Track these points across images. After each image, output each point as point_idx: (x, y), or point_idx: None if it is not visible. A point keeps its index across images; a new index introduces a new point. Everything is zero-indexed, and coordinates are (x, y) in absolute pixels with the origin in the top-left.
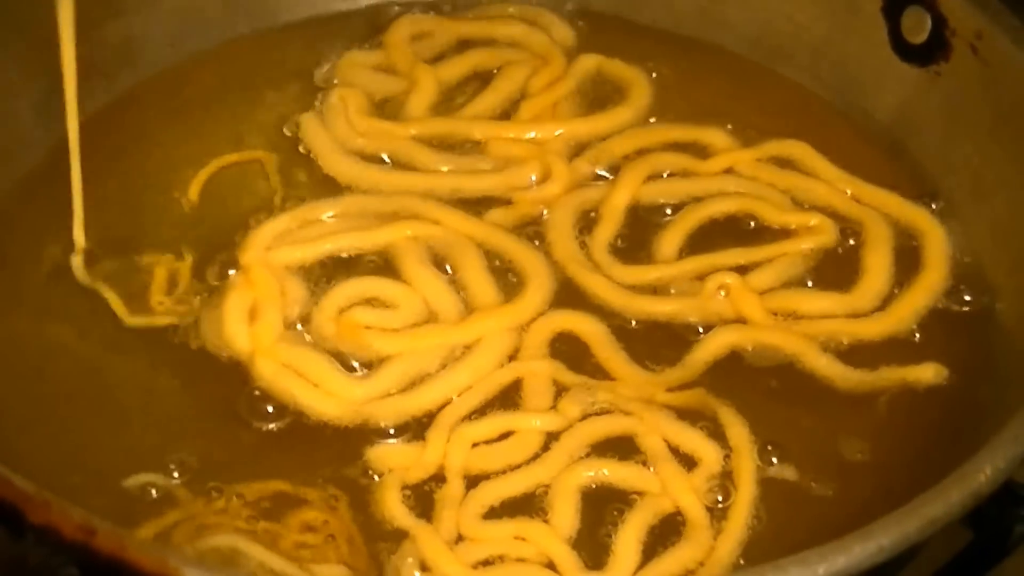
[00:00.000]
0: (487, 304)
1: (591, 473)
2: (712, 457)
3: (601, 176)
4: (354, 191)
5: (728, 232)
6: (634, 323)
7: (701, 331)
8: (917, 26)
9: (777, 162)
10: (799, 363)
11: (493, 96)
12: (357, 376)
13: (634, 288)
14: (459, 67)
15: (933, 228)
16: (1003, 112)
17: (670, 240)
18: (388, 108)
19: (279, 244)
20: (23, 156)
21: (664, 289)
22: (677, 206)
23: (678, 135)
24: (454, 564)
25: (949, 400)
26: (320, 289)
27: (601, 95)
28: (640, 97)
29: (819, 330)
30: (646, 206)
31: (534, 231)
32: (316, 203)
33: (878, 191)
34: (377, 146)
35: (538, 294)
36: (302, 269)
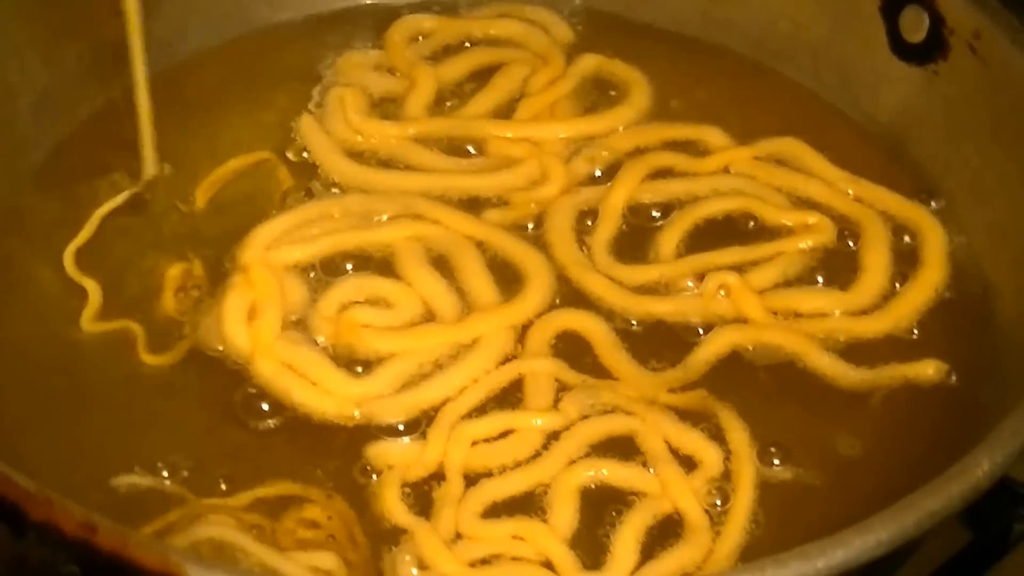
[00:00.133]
0: (486, 304)
1: (591, 473)
2: (713, 459)
3: (599, 176)
4: (353, 191)
5: (726, 231)
6: (635, 323)
7: (701, 332)
8: (915, 25)
9: (774, 160)
10: (800, 362)
11: (492, 95)
12: (356, 375)
13: (634, 288)
14: (459, 66)
15: (932, 226)
16: (1002, 111)
17: (669, 239)
18: (388, 107)
19: (278, 243)
20: (22, 156)
21: (664, 289)
22: (676, 205)
23: (675, 134)
24: (452, 562)
25: (948, 398)
26: (319, 288)
27: (600, 95)
28: (639, 97)
29: (819, 329)
30: (644, 206)
31: (532, 231)
32: (315, 203)
33: (877, 189)
34: (375, 146)
35: (537, 294)
36: (301, 268)
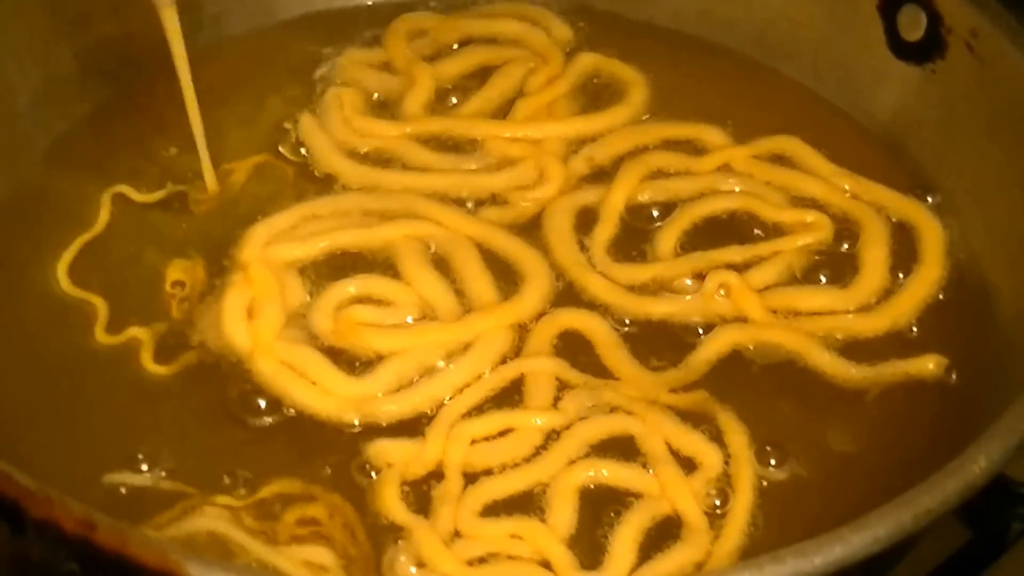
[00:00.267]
0: (485, 303)
1: (590, 473)
2: (713, 461)
3: (597, 175)
4: (352, 189)
5: (725, 230)
6: (635, 324)
7: (701, 331)
8: (913, 24)
9: (772, 158)
10: (801, 360)
11: (491, 94)
12: (354, 374)
13: (634, 288)
14: (457, 65)
15: (930, 223)
16: (999, 109)
17: (667, 239)
18: (386, 106)
19: (277, 241)
20: (21, 154)
21: (664, 289)
22: (674, 205)
23: (673, 133)
24: (449, 561)
25: (946, 395)
26: (318, 287)
27: (599, 94)
28: (638, 97)
29: (818, 327)
30: (643, 205)
31: (531, 230)
32: (314, 201)
33: (875, 187)
34: (374, 145)
35: (536, 293)
36: (300, 267)
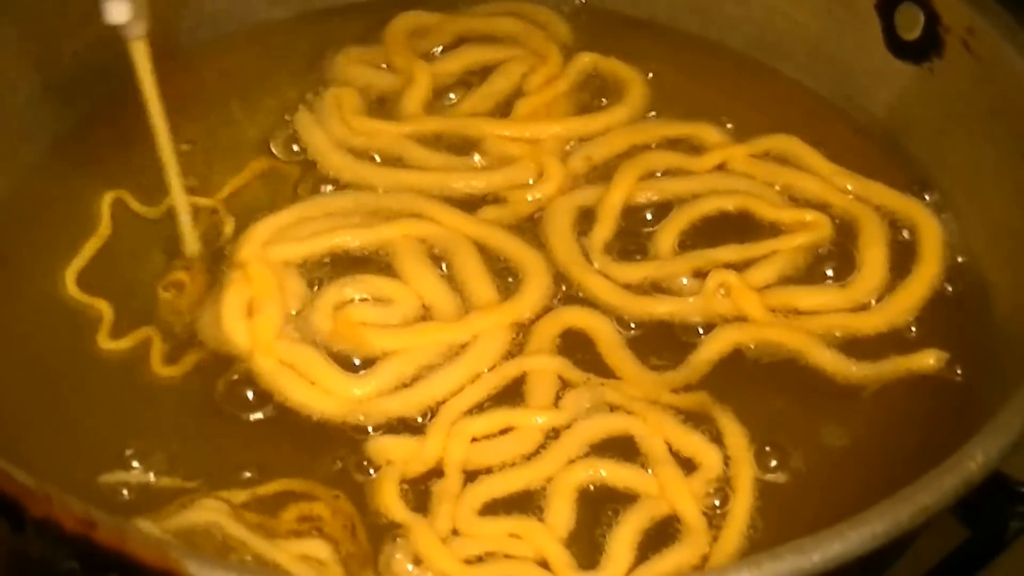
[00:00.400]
0: (484, 302)
1: (589, 473)
2: (713, 461)
3: (596, 174)
4: (351, 188)
5: (724, 229)
6: (635, 324)
7: (701, 331)
8: (910, 23)
9: (771, 157)
10: (802, 359)
11: (489, 93)
12: (353, 373)
13: (634, 288)
14: (456, 63)
15: (928, 221)
16: (996, 107)
17: (666, 238)
18: (386, 104)
19: (276, 240)
20: (20, 153)
21: (664, 289)
22: (672, 204)
23: (671, 131)
24: (446, 559)
25: (944, 392)
26: (317, 286)
27: (597, 93)
28: (636, 96)
29: (818, 325)
30: (642, 204)
31: (530, 230)
32: (313, 200)
33: (873, 185)
34: (372, 144)
35: (535, 293)
36: (299, 266)
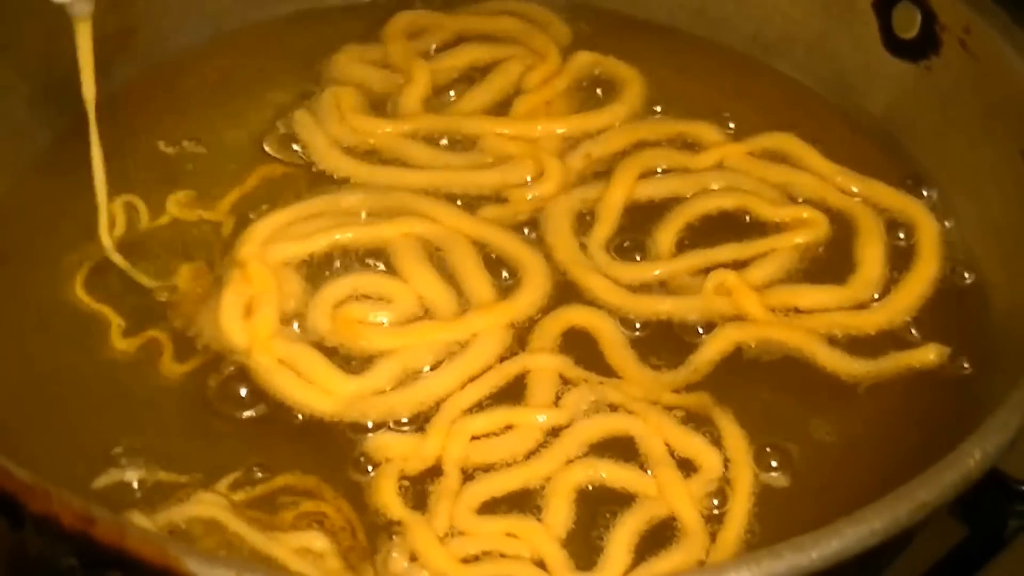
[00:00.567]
0: (483, 301)
1: (588, 473)
2: (713, 464)
3: (595, 173)
4: (349, 187)
5: (722, 227)
6: (635, 323)
7: (701, 330)
8: (907, 21)
9: (768, 155)
10: (803, 357)
11: (488, 92)
12: (351, 373)
13: (634, 287)
14: (455, 62)
15: (926, 219)
16: (993, 105)
17: (665, 237)
18: (384, 103)
19: (275, 239)
20: (21, 149)
21: (663, 288)
22: (671, 202)
23: (669, 130)
24: (443, 557)
25: (943, 389)
26: (316, 285)
27: (596, 92)
28: (635, 94)
29: (818, 324)
30: (640, 204)
31: (529, 229)
32: (312, 199)
33: (870, 183)
34: (371, 143)
35: (534, 292)
36: (298, 264)
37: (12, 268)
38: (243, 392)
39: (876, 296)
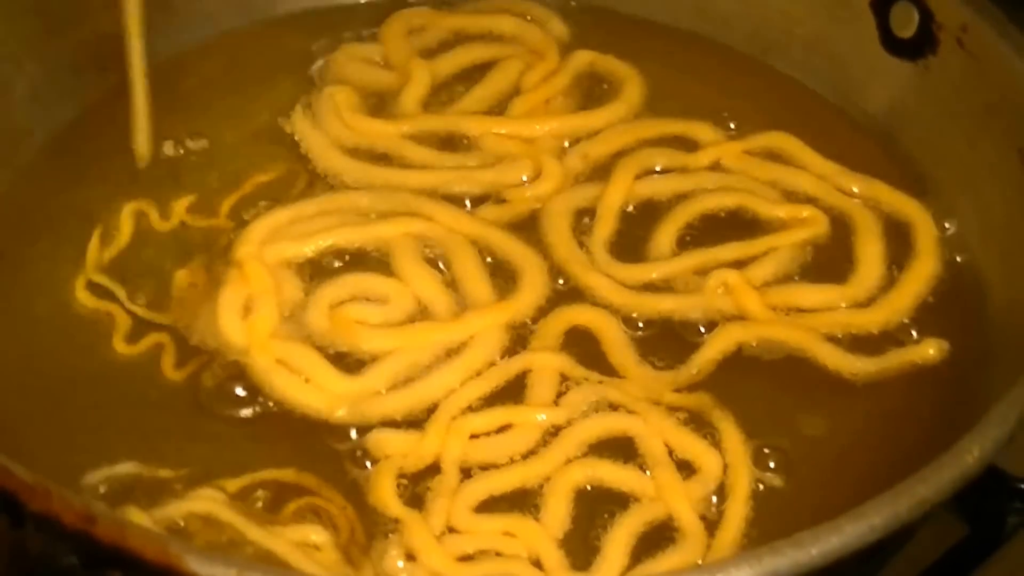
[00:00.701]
0: (481, 301)
1: (587, 473)
2: (712, 465)
3: (593, 172)
4: (348, 187)
5: (721, 226)
6: (638, 322)
7: (703, 329)
8: (905, 21)
9: (766, 154)
10: (804, 356)
11: (487, 91)
12: (349, 373)
13: (634, 287)
14: (454, 61)
15: (924, 218)
16: (991, 103)
17: (665, 236)
18: (383, 102)
19: (273, 239)
20: (18, 148)
21: (664, 287)
22: (670, 201)
23: (667, 129)
24: (439, 556)
25: (942, 386)
26: (314, 284)
27: (594, 91)
28: (633, 93)
29: (818, 322)
30: (639, 203)
31: (528, 228)
32: (310, 199)
33: (869, 181)
34: (369, 142)
35: (533, 292)
36: (296, 264)
37: (10, 266)
38: (241, 391)
39: (875, 295)
